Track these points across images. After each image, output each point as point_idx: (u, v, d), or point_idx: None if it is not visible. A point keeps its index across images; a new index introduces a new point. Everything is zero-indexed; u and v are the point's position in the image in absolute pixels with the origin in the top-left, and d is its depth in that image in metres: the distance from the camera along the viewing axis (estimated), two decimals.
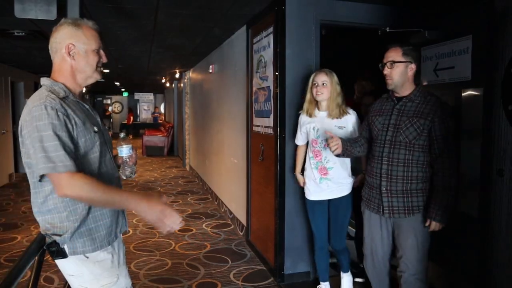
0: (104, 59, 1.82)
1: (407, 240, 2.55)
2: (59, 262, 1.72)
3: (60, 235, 1.64)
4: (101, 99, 23.21)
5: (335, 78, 3.01)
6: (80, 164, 1.61)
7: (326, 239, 3.20)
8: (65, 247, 1.66)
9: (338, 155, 2.78)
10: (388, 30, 3.37)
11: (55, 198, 1.63)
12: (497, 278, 2.78)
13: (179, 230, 5.12)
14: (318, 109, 3.09)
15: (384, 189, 2.55)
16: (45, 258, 1.85)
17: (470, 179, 2.99)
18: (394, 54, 2.52)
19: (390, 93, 2.64)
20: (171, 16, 4.19)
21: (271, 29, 3.70)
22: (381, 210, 2.58)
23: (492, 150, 2.79)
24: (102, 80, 2.06)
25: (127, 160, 1.99)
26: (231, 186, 5.54)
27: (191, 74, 9.29)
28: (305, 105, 3.12)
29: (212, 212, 6.10)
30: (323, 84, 2.99)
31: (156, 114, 22.23)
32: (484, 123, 2.83)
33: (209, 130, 7.12)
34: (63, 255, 1.66)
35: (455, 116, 2.52)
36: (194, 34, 5.12)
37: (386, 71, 2.54)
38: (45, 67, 8.78)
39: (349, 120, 3.06)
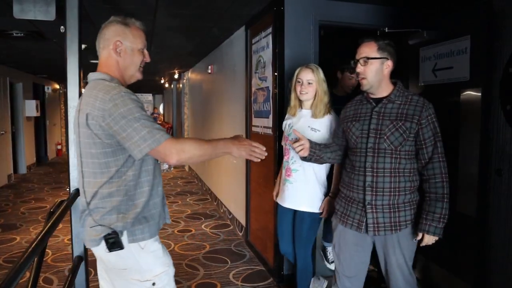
0: (147, 59, 1.87)
1: (392, 258, 2.29)
2: (111, 257, 1.73)
3: (120, 222, 1.68)
4: None
5: (321, 74, 2.74)
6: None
7: (289, 248, 2.94)
8: (125, 235, 1.70)
9: (304, 159, 2.46)
10: (386, 31, 3.37)
11: (121, 184, 1.68)
12: (495, 278, 2.79)
13: (178, 231, 5.12)
14: (301, 107, 2.82)
15: (368, 204, 2.23)
16: (44, 259, 1.84)
17: (468, 179, 3.00)
18: (368, 50, 2.21)
19: (365, 94, 2.32)
20: (170, 16, 4.19)
21: (270, 30, 3.70)
22: (364, 227, 2.26)
23: (491, 150, 2.80)
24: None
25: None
26: (230, 186, 5.55)
27: (190, 75, 9.29)
28: (291, 103, 2.84)
29: (211, 213, 6.10)
30: (309, 82, 2.70)
31: (155, 115, 22.23)
32: (483, 123, 2.84)
33: (208, 130, 7.12)
34: (120, 246, 1.68)
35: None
36: (193, 35, 5.12)
37: (359, 68, 2.22)
38: (44, 68, 8.85)
39: (327, 123, 2.74)
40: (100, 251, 1.73)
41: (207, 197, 7.15)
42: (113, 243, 1.67)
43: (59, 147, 12.90)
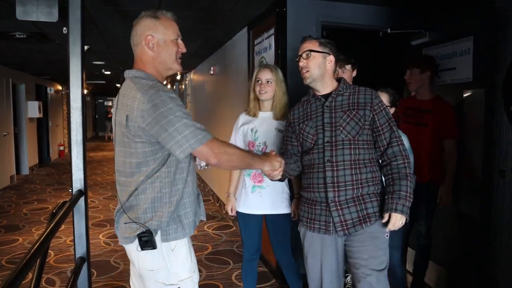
0: (183, 49, 1.85)
1: (365, 251, 2.12)
2: (142, 256, 1.73)
3: (155, 221, 1.69)
4: (102, 101, 23.22)
5: (281, 75, 2.71)
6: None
7: (256, 250, 2.86)
8: (158, 234, 1.71)
9: (279, 180, 2.32)
10: (389, 31, 3.38)
11: (156, 181, 1.69)
12: (498, 279, 2.78)
13: None
14: (260, 109, 2.77)
15: (331, 201, 2.10)
16: (47, 260, 1.84)
17: (472, 180, 2.99)
18: (311, 45, 2.18)
19: (311, 93, 2.26)
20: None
21: (272, 31, 3.70)
22: (331, 228, 2.12)
23: (494, 151, 2.79)
24: (103, 82, 2.06)
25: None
26: None
27: (192, 76, 9.29)
28: (251, 104, 2.77)
29: (213, 214, 6.10)
30: (268, 82, 2.66)
31: None
32: (486, 124, 2.84)
33: (210, 131, 7.10)
34: (153, 245, 1.69)
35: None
36: (195, 36, 5.12)
37: (302, 62, 2.17)
38: (47, 69, 8.86)
39: None
40: (132, 249, 1.74)
41: (209, 198, 7.15)
42: (146, 241, 1.68)
43: (61, 148, 12.93)
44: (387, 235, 2.14)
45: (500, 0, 2.71)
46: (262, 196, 2.69)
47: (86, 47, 2.28)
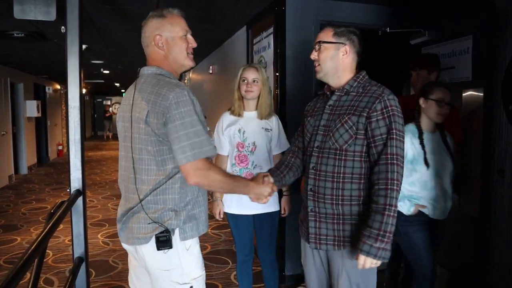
0: (193, 44, 1.84)
1: (339, 281, 1.92)
2: (156, 256, 1.71)
3: (175, 220, 1.68)
4: (101, 100, 23.18)
5: (265, 75, 2.73)
6: None
7: (250, 251, 2.85)
8: (176, 233, 1.70)
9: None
10: (388, 31, 3.37)
11: (176, 181, 1.69)
12: (498, 280, 2.78)
13: None
14: (244, 109, 2.76)
15: (311, 210, 1.93)
16: (45, 260, 1.84)
17: (471, 180, 2.99)
18: (323, 35, 1.94)
19: (326, 87, 2.04)
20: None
21: (271, 30, 3.70)
22: (307, 237, 1.97)
23: (493, 151, 2.79)
24: (102, 81, 2.05)
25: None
26: None
27: (191, 75, 9.28)
28: (236, 104, 2.75)
29: (212, 213, 6.09)
30: (254, 81, 2.66)
31: None
32: (485, 123, 2.83)
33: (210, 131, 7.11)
34: (170, 245, 1.68)
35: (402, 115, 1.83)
36: (194, 35, 5.10)
37: (313, 55, 1.95)
38: (45, 68, 8.84)
39: (274, 122, 2.76)
40: (146, 249, 1.71)
41: (208, 197, 7.13)
42: (164, 241, 1.67)
43: (60, 147, 12.90)
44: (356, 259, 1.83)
45: None
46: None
47: (84, 46, 2.26)
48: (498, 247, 2.77)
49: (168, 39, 1.76)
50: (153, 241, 1.68)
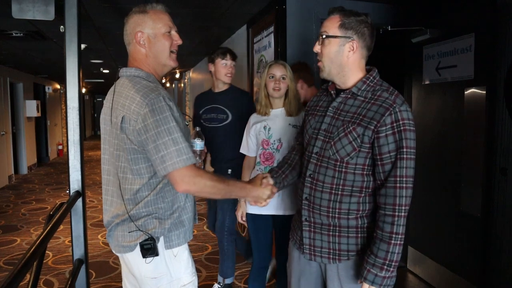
0: (178, 41, 1.74)
1: None
2: (142, 264, 1.66)
3: (159, 228, 1.63)
4: (101, 99, 23.19)
5: (291, 71, 2.61)
6: None
7: (268, 257, 2.75)
8: (161, 241, 1.65)
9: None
10: (389, 29, 3.35)
11: (161, 189, 1.63)
12: (500, 279, 2.76)
13: None
14: (271, 107, 2.65)
15: (306, 220, 1.79)
16: (45, 261, 1.82)
17: (473, 179, 2.97)
18: (329, 24, 1.68)
19: (330, 84, 1.81)
20: (170, 15, 4.16)
21: (271, 29, 3.67)
22: (301, 246, 1.83)
23: (496, 149, 2.77)
24: (102, 80, 2.02)
25: (199, 153, 2.02)
26: None
27: (191, 74, 9.26)
28: (262, 102, 2.63)
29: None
30: (282, 78, 2.56)
31: None
32: (487, 121, 2.81)
33: None
34: (155, 252, 1.63)
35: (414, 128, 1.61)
36: (194, 34, 5.09)
37: (316, 48, 1.71)
38: (44, 68, 8.83)
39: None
40: (132, 257, 1.67)
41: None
42: (148, 249, 1.62)
43: (60, 147, 12.90)
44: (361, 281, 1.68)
45: None
46: (277, 195, 2.47)
47: (83, 46, 2.24)
48: (501, 246, 2.75)
49: (150, 36, 1.65)
50: (138, 249, 1.63)
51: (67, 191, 2.34)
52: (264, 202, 1.91)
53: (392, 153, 1.57)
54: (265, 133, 2.62)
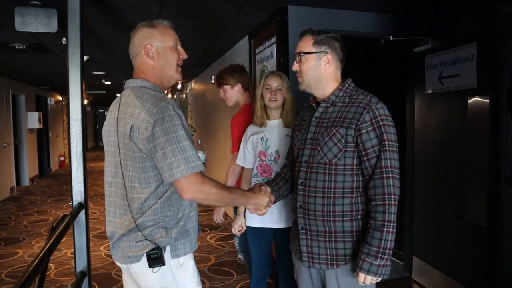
0: (184, 55, 1.81)
1: None
2: (148, 276, 1.66)
3: (166, 237, 1.64)
4: (102, 111, 23.24)
5: (288, 82, 2.59)
6: None
7: (267, 268, 2.73)
8: (168, 250, 1.66)
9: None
10: (391, 39, 3.35)
11: (167, 198, 1.64)
12: None
13: None
14: (268, 118, 2.64)
15: (302, 228, 1.86)
16: (47, 274, 1.80)
17: (477, 188, 2.95)
18: (303, 44, 1.86)
19: (311, 98, 1.97)
20: (172, 27, 4.17)
21: (273, 39, 3.68)
22: (300, 255, 1.90)
23: (500, 158, 2.76)
24: (103, 92, 2.03)
25: None
26: None
27: (193, 85, 9.28)
28: (258, 113, 2.62)
29: (216, 224, 6.04)
30: (278, 89, 2.54)
31: None
32: (491, 130, 2.80)
33: (212, 141, 7.09)
34: (162, 262, 1.63)
35: (393, 123, 1.75)
36: (196, 45, 5.11)
37: (295, 66, 1.88)
38: (46, 80, 8.86)
39: None
40: (138, 268, 1.66)
41: (211, 208, 7.09)
42: (155, 259, 1.62)
43: (62, 158, 12.90)
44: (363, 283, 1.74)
45: (504, 4, 2.69)
46: (277, 208, 2.53)
47: (85, 58, 2.24)
48: (506, 256, 2.72)
49: (159, 48, 1.72)
50: (144, 259, 1.63)
51: (69, 203, 2.32)
52: (264, 210, 1.94)
53: (376, 147, 1.70)
54: (262, 144, 2.61)
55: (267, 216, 2.45)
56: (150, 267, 1.63)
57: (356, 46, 4.63)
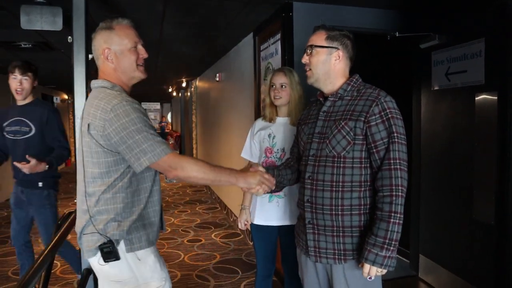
0: (144, 55, 1.81)
1: None
2: (106, 268, 1.69)
3: (118, 230, 1.65)
4: None
5: (296, 78, 2.55)
6: None
7: (272, 265, 2.72)
8: (121, 244, 1.67)
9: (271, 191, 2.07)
10: (397, 35, 3.33)
11: (119, 192, 1.66)
12: None
13: (187, 241, 5.08)
14: (277, 115, 2.63)
15: (309, 222, 1.86)
16: (53, 271, 1.81)
17: (485, 186, 2.92)
18: (316, 38, 1.88)
19: (318, 93, 1.99)
20: (177, 25, 4.17)
21: (278, 36, 3.67)
22: (307, 250, 1.89)
23: (508, 156, 2.73)
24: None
25: None
26: (239, 195, 5.48)
27: (198, 83, 9.28)
28: (267, 110, 2.65)
29: (221, 222, 6.05)
30: (282, 86, 2.53)
31: (163, 124, 22.31)
32: (499, 127, 2.77)
33: (217, 138, 7.09)
34: (116, 256, 1.65)
35: (401, 117, 1.77)
36: (201, 43, 5.10)
37: (305, 59, 1.90)
38: (52, 78, 8.88)
39: None
40: (95, 262, 1.70)
41: (216, 206, 7.10)
42: (108, 252, 1.64)
43: None
44: (370, 278, 1.74)
45: None
46: (280, 206, 2.55)
47: (91, 56, 2.25)
48: None
49: (117, 52, 1.73)
50: (99, 253, 1.66)
51: (75, 200, 2.32)
52: (258, 188, 1.86)
53: (385, 139, 1.71)
54: (269, 141, 2.61)
55: (271, 213, 2.51)
56: (104, 261, 1.65)
57: (361, 43, 4.61)
